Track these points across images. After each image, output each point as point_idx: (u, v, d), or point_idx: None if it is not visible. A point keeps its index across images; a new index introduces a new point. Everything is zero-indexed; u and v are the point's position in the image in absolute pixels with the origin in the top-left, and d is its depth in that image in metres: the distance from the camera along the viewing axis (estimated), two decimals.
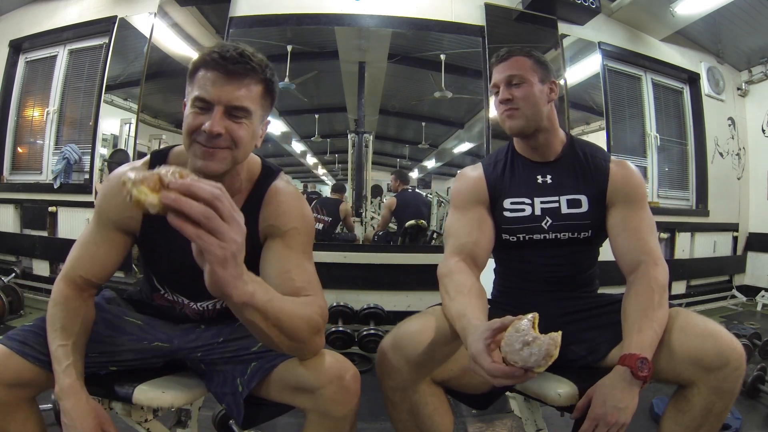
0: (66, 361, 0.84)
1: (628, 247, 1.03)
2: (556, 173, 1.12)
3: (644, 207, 1.08)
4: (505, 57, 1.10)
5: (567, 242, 1.09)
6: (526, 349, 0.69)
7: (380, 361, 0.97)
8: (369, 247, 3.24)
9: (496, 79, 1.11)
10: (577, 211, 1.09)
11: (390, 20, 3.07)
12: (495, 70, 1.12)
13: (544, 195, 1.10)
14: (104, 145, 3.21)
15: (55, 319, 0.88)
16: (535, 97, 1.08)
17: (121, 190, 0.59)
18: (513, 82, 1.08)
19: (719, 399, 0.86)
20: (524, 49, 1.11)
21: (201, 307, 1.01)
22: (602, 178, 1.09)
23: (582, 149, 1.14)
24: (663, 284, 0.96)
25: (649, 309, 0.91)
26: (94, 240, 0.93)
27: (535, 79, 1.08)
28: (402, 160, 4.43)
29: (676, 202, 3.80)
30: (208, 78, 0.81)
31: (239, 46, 0.83)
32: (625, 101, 3.59)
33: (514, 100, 1.07)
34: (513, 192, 1.12)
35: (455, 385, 0.98)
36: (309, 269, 0.91)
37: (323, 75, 3.64)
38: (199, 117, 0.81)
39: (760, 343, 2.38)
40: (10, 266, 3.28)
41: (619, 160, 1.13)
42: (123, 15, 3.17)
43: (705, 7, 3.19)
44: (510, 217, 1.11)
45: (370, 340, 2.32)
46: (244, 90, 0.82)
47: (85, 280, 0.92)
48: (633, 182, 1.09)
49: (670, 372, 0.89)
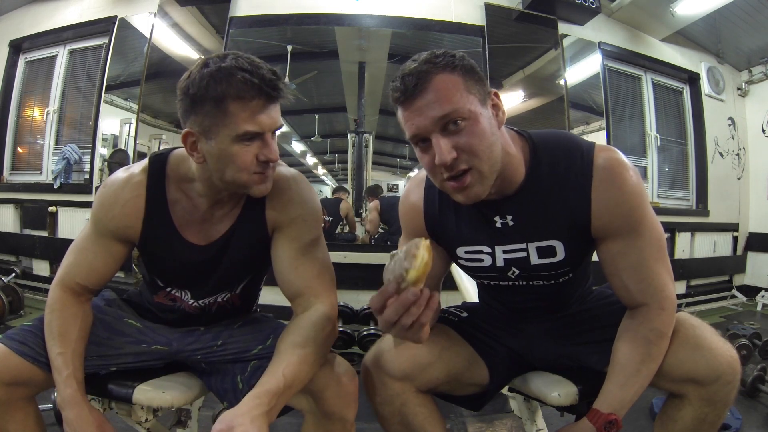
0: (66, 370, 0.83)
1: (627, 288, 0.83)
2: (518, 212, 0.84)
3: (644, 232, 0.81)
4: (418, 85, 0.72)
5: (543, 286, 0.92)
6: (391, 263, 0.65)
7: (365, 378, 0.95)
8: (369, 247, 3.24)
9: (416, 130, 0.73)
10: (551, 261, 0.86)
11: (390, 20, 3.07)
12: (406, 112, 0.74)
13: (507, 242, 0.86)
14: (104, 145, 3.21)
15: (53, 325, 0.87)
16: (487, 137, 0.74)
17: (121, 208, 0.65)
18: (449, 125, 0.72)
19: (712, 410, 0.82)
20: (439, 59, 0.73)
21: (203, 303, 1.01)
22: (582, 207, 0.80)
23: (551, 161, 0.82)
24: (664, 333, 0.81)
25: (642, 364, 0.81)
26: (91, 248, 0.92)
27: (476, 106, 0.74)
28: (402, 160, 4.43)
29: (676, 202, 3.80)
30: (254, 109, 0.76)
31: (253, 60, 0.78)
32: (625, 101, 3.59)
33: (460, 157, 0.73)
34: (466, 240, 0.89)
35: (445, 389, 0.97)
36: (319, 257, 0.92)
37: (323, 75, 3.64)
38: (251, 150, 0.79)
39: (760, 343, 2.38)
40: (10, 266, 3.28)
41: (605, 164, 0.80)
42: (123, 15, 3.18)
43: (705, 7, 3.19)
44: (467, 265, 0.93)
45: (370, 341, 2.32)
46: (278, 110, 0.81)
47: (81, 286, 0.92)
48: (626, 205, 0.79)
49: (662, 385, 0.86)
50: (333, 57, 3.41)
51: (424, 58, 0.74)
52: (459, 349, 0.97)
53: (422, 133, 0.74)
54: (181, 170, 0.90)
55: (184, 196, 0.91)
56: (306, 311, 0.88)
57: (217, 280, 0.97)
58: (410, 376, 0.90)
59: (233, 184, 0.83)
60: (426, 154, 0.76)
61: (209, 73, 0.75)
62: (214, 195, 0.89)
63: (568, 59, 3.19)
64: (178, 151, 0.93)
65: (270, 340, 0.96)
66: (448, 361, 0.93)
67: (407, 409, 0.91)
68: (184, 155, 0.89)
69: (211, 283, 0.98)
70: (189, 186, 0.90)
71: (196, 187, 0.89)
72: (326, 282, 0.91)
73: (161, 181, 0.90)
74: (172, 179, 0.91)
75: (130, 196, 0.89)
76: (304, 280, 0.89)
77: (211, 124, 0.77)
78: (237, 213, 0.93)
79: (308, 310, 0.88)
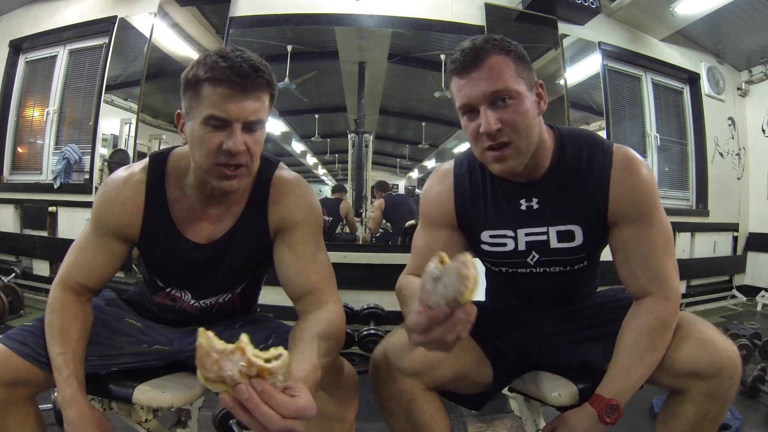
0: (66, 370, 0.84)
1: (635, 276, 0.88)
2: (544, 196, 0.91)
3: (655, 222, 0.88)
4: (474, 61, 0.79)
5: (559, 274, 0.96)
6: (439, 286, 0.60)
7: (373, 372, 0.95)
8: (369, 247, 3.24)
9: (467, 99, 0.81)
10: (570, 246, 0.91)
11: (390, 20, 3.07)
12: (461, 81, 0.81)
13: (530, 225, 0.92)
14: (104, 145, 3.21)
15: (53, 325, 0.87)
16: (529, 117, 0.82)
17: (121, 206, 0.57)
18: (498, 101, 0.80)
19: (713, 405, 0.84)
20: (497, 42, 0.81)
21: (204, 303, 1.01)
22: (601, 195, 0.87)
23: (575, 152, 0.90)
24: (668, 323, 0.85)
25: (646, 352, 0.83)
26: (92, 247, 0.92)
27: (524, 88, 0.81)
28: (402, 160, 4.43)
29: (676, 202, 3.80)
30: (222, 94, 0.77)
31: (244, 53, 0.79)
32: (625, 101, 3.59)
33: (504, 130, 0.80)
34: (491, 223, 0.94)
35: (451, 387, 0.98)
36: (323, 260, 0.93)
37: (323, 75, 3.64)
38: (216, 136, 0.79)
39: (760, 343, 2.38)
40: (10, 266, 3.28)
41: (623, 156, 0.88)
42: (123, 15, 3.17)
43: (705, 7, 3.19)
44: (489, 251, 0.97)
45: (370, 340, 2.32)
46: (258, 103, 0.80)
47: (82, 286, 0.92)
48: (640, 193, 0.87)
49: (664, 380, 0.87)
50: (333, 57, 3.41)
51: (483, 37, 0.82)
52: (468, 348, 0.97)
53: (472, 103, 0.81)
54: (181, 166, 0.91)
55: (183, 194, 0.91)
56: (319, 309, 0.87)
57: (218, 280, 0.97)
58: (420, 373, 0.91)
59: (200, 170, 0.83)
60: (472, 123, 0.83)
61: (199, 59, 0.80)
62: (203, 187, 0.89)
63: (568, 59, 3.18)
64: (178, 149, 0.94)
65: (271, 340, 0.96)
66: (457, 360, 0.93)
67: (415, 405, 0.92)
68: (183, 152, 0.90)
69: (211, 284, 0.98)
70: (185, 181, 0.91)
71: (190, 179, 0.90)
72: (333, 284, 0.92)
73: (161, 180, 0.91)
74: (172, 177, 0.91)
75: (130, 194, 0.89)
76: (312, 283, 0.89)
77: (189, 105, 0.81)
78: (238, 213, 0.94)
79: (322, 309, 0.87)
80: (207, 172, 0.82)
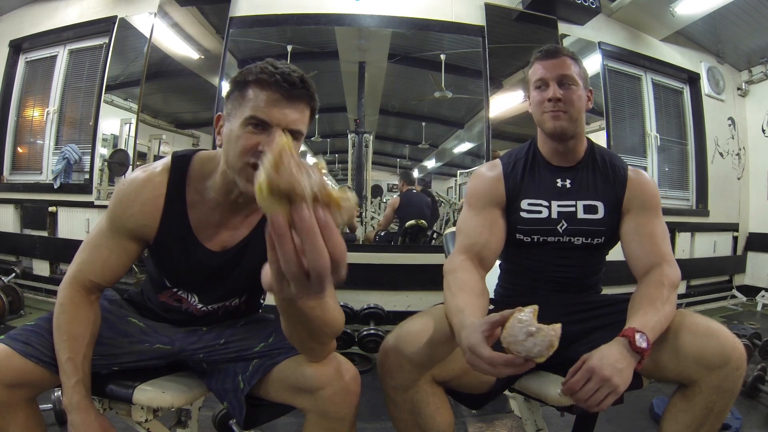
0: (75, 376, 0.84)
1: (641, 251, 1.04)
2: (576, 178, 1.13)
3: (659, 215, 1.09)
4: (554, 54, 1.09)
5: (580, 246, 1.10)
6: (530, 339, 0.71)
7: (382, 360, 0.96)
8: (369, 247, 3.24)
9: (543, 75, 1.09)
10: (593, 217, 1.10)
11: (390, 20, 3.07)
12: (541, 65, 1.10)
13: (562, 199, 1.11)
14: (104, 145, 3.21)
15: (63, 328, 0.87)
16: (582, 102, 1.09)
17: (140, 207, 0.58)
18: (564, 83, 1.07)
19: (720, 398, 0.86)
20: (570, 52, 1.12)
21: (211, 308, 1.01)
22: (620, 185, 1.11)
23: (602, 156, 1.15)
24: (674, 282, 0.97)
25: (657, 301, 0.91)
26: (107, 245, 0.91)
27: (581, 83, 1.10)
28: (402, 160, 4.43)
29: (676, 202, 3.80)
30: (267, 98, 0.79)
31: (295, 69, 0.82)
32: (625, 101, 3.59)
33: (564, 101, 1.06)
34: (531, 193, 1.13)
35: (455, 384, 0.98)
36: None
37: (323, 75, 3.63)
38: (254, 137, 0.79)
39: (760, 343, 2.38)
40: (10, 266, 3.28)
41: (635, 169, 1.15)
42: (123, 15, 3.18)
43: (705, 7, 3.19)
44: (526, 218, 1.11)
45: (370, 340, 2.32)
46: (300, 114, 0.82)
47: (94, 284, 0.91)
48: (649, 190, 1.11)
49: (673, 370, 0.89)
50: (333, 57, 3.41)
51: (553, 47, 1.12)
52: None
53: (546, 78, 1.08)
54: (205, 169, 0.91)
55: (202, 199, 0.91)
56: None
57: (227, 288, 0.98)
58: (429, 364, 0.93)
59: (231, 170, 0.83)
60: (540, 92, 1.09)
61: (249, 66, 0.83)
62: (228, 192, 0.89)
63: None
64: (203, 152, 0.94)
65: (272, 338, 0.96)
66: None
67: (420, 396, 0.94)
68: (209, 156, 0.91)
69: (221, 291, 0.98)
70: (207, 184, 0.90)
71: (215, 183, 0.89)
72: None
73: (182, 183, 0.90)
74: (194, 180, 0.91)
75: (150, 196, 0.89)
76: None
77: (233, 107, 0.83)
78: (254, 222, 0.94)
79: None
80: (237, 172, 0.82)
